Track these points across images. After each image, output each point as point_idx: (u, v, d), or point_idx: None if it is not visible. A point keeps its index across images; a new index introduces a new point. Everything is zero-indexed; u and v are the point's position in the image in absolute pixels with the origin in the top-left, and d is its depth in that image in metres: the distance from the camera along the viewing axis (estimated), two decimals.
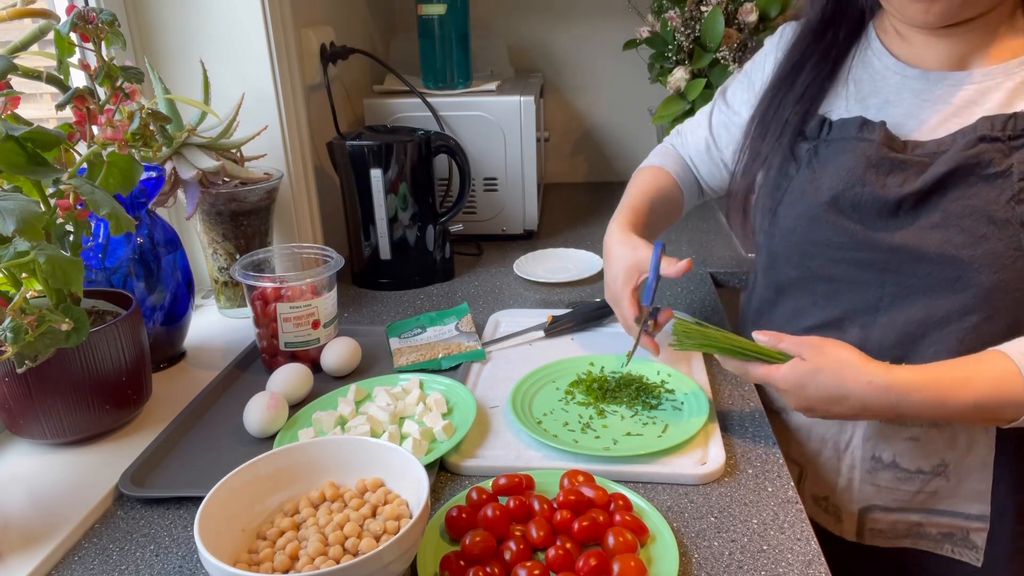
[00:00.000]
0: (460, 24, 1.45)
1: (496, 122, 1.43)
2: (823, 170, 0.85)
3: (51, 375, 0.78)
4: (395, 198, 1.24)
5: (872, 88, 0.86)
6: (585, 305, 1.12)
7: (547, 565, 0.64)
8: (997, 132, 0.76)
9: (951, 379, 0.74)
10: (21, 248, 0.65)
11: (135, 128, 0.82)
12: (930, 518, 0.89)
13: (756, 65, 1.01)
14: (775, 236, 0.90)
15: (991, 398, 0.73)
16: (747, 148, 0.95)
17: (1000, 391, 0.72)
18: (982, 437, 0.85)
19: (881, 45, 0.87)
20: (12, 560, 0.68)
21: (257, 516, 0.67)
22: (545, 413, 0.88)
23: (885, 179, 0.80)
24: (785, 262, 0.91)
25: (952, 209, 0.77)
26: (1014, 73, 0.78)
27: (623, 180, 2.00)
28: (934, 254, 0.78)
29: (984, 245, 0.76)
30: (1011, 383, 0.72)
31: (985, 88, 0.79)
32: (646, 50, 1.58)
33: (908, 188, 0.79)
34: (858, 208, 0.82)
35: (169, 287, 0.99)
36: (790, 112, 0.89)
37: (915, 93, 0.83)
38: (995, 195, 0.75)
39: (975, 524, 0.88)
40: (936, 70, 0.82)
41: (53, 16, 0.81)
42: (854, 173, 0.82)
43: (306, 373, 0.94)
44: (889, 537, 0.92)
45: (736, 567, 0.66)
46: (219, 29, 1.14)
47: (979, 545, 0.88)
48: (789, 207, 0.88)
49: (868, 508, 0.92)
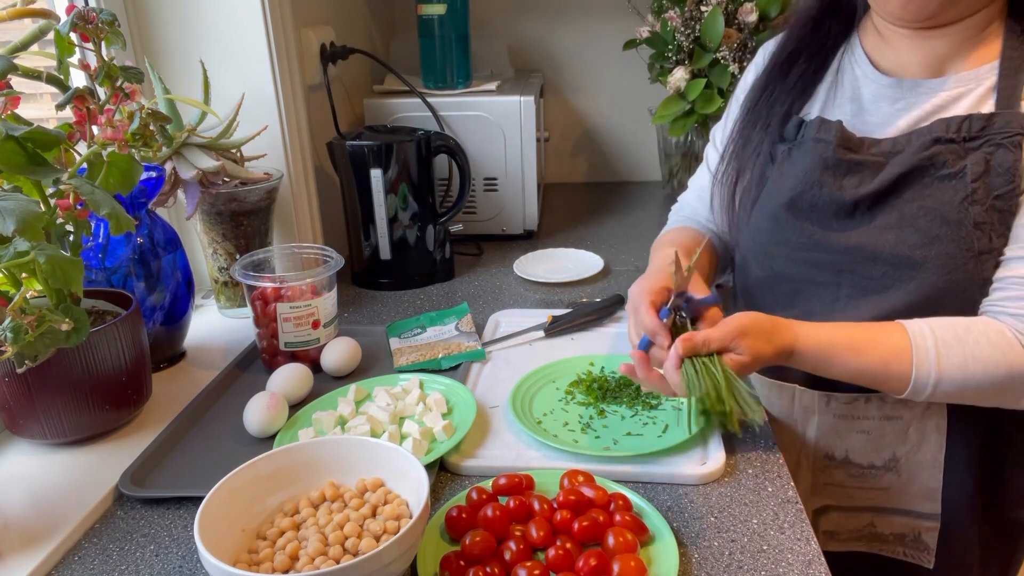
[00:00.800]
0: (460, 24, 1.45)
1: (496, 122, 1.43)
2: (788, 171, 0.86)
3: (51, 375, 0.78)
4: (395, 198, 1.24)
5: (850, 94, 0.88)
6: (585, 305, 1.12)
7: (547, 565, 0.64)
8: (952, 134, 0.77)
9: (847, 343, 0.78)
10: (21, 248, 0.65)
11: (135, 128, 0.82)
12: (882, 517, 0.91)
13: (739, 88, 1.02)
14: (747, 235, 0.92)
15: (879, 369, 0.77)
16: (737, 136, 0.95)
17: (888, 365, 0.77)
18: (933, 433, 0.86)
19: (862, 51, 0.88)
20: (12, 560, 0.68)
21: (257, 516, 0.67)
22: (545, 413, 0.88)
23: (842, 180, 0.81)
24: (753, 262, 0.92)
25: (907, 210, 0.78)
26: (985, 79, 0.79)
27: (623, 180, 2.02)
28: (888, 254, 0.79)
29: (937, 246, 0.77)
30: (901, 358, 0.76)
31: (956, 95, 0.80)
32: (646, 50, 1.58)
33: (864, 189, 0.80)
34: (815, 209, 0.83)
35: (169, 287, 0.99)
36: (779, 107, 0.90)
37: (890, 101, 0.84)
38: (949, 196, 0.76)
39: (926, 523, 0.89)
40: (912, 78, 0.83)
41: (53, 16, 0.81)
42: (811, 175, 0.83)
43: (306, 373, 0.94)
44: (842, 540, 0.93)
45: (736, 567, 0.66)
46: (219, 29, 1.14)
47: (931, 546, 0.90)
48: (760, 207, 0.89)
49: (822, 509, 0.93)
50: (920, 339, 0.76)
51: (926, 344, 0.75)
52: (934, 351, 0.75)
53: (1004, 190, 0.75)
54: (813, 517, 0.93)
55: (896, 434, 0.87)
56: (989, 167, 0.75)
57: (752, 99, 0.94)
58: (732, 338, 0.74)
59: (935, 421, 0.85)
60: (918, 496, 0.89)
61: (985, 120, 0.76)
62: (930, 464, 0.87)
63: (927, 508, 0.89)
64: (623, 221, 1.63)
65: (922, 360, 0.75)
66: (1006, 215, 0.76)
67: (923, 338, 0.76)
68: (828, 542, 0.94)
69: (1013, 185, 0.75)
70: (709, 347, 0.74)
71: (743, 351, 0.74)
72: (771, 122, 0.90)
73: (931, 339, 0.75)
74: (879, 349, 0.77)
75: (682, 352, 0.74)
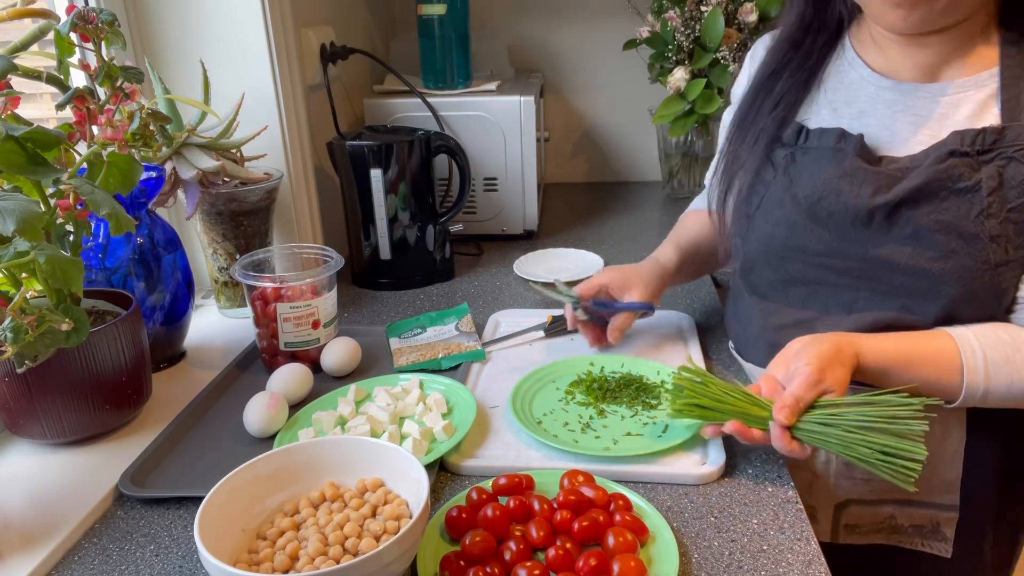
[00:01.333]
0: (460, 24, 1.45)
1: (496, 122, 1.43)
2: (799, 178, 0.86)
3: (51, 375, 0.78)
4: (395, 198, 1.24)
5: (847, 98, 0.87)
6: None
7: (547, 565, 0.64)
8: (966, 147, 0.77)
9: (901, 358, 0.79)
10: (21, 248, 0.65)
11: (135, 128, 0.82)
12: (903, 509, 0.91)
13: (738, 85, 1.02)
14: (752, 241, 0.92)
15: (931, 385, 0.78)
16: (727, 152, 0.96)
17: (940, 381, 0.78)
18: (955, 426, 0.86)
19: (856, 55, 0.88)
20: (12, 560, 0.68)
21: (257, 516, 0.67)
22: (545, 413, 0.88)
23: (859, 189, 0.82)
24: (764, 266, 0.92)
25: (923, 223, 0.78)
26: (984, 85, 0.80)
27: (623, 180, 2.02)
28: (905, 266, 0.80)
29: (954, 259, 0.77)
30: (952, 376, 0.78)
31: (956, 100, 0.80)
32: (646, 50, 1.58)
33: (880, 199, 0.80)
34: (833, 217, 0.83)
35: (169, 287, 0.99)
36: (767, 119, 0.91)
37: (888, 104, 0.84)
38: (965, 210, 0.77)
39: (945, 514, 0.90)
40: (909, 81, 0.84)
41: (53, 16, 0.81)
42: (829, 183, 0.83)
43: (306, 373, 0.94)
44: (863, 533, 0.93)
45: (736, 567, 0.66)
46: (219, 29, 1.14)
47: (948, 536, 0.90)
48: (767, 213, 0.89)
49: (844, 503, 0.93)
50: (971, 359, 0.77)
51: (976, 364, 0.77)
52: (983, 372, 0.77)
53: (1018, 203, 0.76)
54: (835, 512, 0.93)
55: None
56: (1003, 180, 0.76)
57: (740, 114, 0.95)
58: (816, 383, 0.75)
59: (957, 415, 0.86)
60: (939, 488, 0.89)
61: (997, 133, 0.76)
62: (952, 456, 0.87)
63: (947, 500, 0.89)
64: (623, 221, 1.63)
65: (972, 380, 0.77)
66: (1021, 227, 0.77)
67: (974, 358, 0.77)
68: (849, 535, 0.94)
69: None
70: (805, 403, 0.74)
71: (833, 387, 0.75)
72: (762, 135, 0.91)
73: (981, 359, 0.77)
74: (933, 366, 0.78)
75: (785, 421, 0.73)
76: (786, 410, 0.73)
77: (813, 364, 0.75)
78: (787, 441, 0.74)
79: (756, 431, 0.76)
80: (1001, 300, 0.79)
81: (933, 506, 0.90)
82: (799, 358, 0.76)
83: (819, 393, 0.75)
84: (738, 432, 0.76)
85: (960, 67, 0.81)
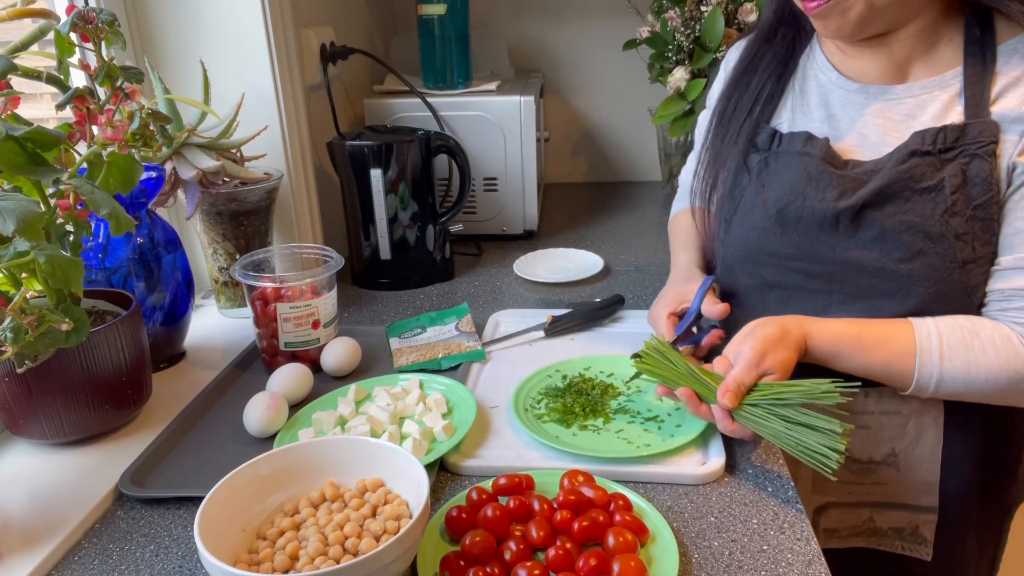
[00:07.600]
0: (460, 24, 1.45)
1: (496, 122, 1.43)
2: (770, 183, 0.87)
3: (51, 375, 0.78)
4: (395, 198, 1.24)
5: (817, 101, 0.88)
6: (585, 305, 1.12)
7: (547, 565, 0.64)
8: (928, 146, 0.77)
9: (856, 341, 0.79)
10: (21, 248, 0.65)
11: (135, 128, 0.82)
12: (882, 512, 0.92)
13: (713, 90, 1.03)
14: (729, 245, 0.92)
15: (883, 368, 0.79)
16: (709, 149, 0.97)
17: (891, 364, 0.78)
18: (930, 427, 0.87)
19: (825, 59, 0.89)
20: (12, 560, 0.68)
21: (257, 516, 0.67)
22: (545, 413, 0.88)
23: (823, 193, 0.82)
24: (740, 270, 0.92)
25: (888, 224, 0.78)
26: (948, 85, 0.80)
27: (623, 180, 2.02)
28: (874, 268, 0.80)
29: (921, 259, 0.78)
30: (905, 359, 0.78)
31: (923, 101, 0.81)
32: (646, 50, 1.58)
33: (845, 202, 0.80)
34: (801, 221, 0.84)
35: (169, 287, 0.99)
36: (745, 117, 0.91)
37: (857, 107, 0.84)
38: (929, 209, 0.77)
39: (924, 517, 0.90)
40: (876, 83, 0.84)
41: (53, 16, 0.81)
42: (796, 187, 0.84)
43: (306, 373, 0.94)
44: (842, 536, 0.94)
45: (736, 567, 0.66)
46: (219, 29, 1.14)
47: (928, 539, 0.91)
48: (743, 218, 0.90)
49: (823, 507, 0.93)
50: (926, 341, 0.77)
51: (931, 346, 0.77)
52: (938, 354, 0.76)
53: (983, 199, 0.76)
54: (814, 516, 0.93)
55: (895, 429, 0.88)
56: (966, 178, 0.76)
57: (719, 112, 0.96)
58: (756, 365, 0.75)
59: (933, 415, 0.86)
60: (916, 490, 0.89)
61: (959, 131, 0.76)
62: (928, 458, 0.88)
63: (925, 501, 0.90)
64: (623, 221, 1.63)
65: (925, 362, 0.77)
66: (988, 223, 0.76)
67: (928, 340, 0.77)
68: (828, 539, 0.94)
69: (991, 194, 0.76)
70: (745, 386, 0.75)
71: (774, 369, 0.75)
72: (740, 136, 0.91)
73: (936, 341, 0.77)
74: (885, 348, 0.78)
75: (729, 405, 0.74)
76: (729, 394, 0.75)
77: (756, 347, 0.76)
78: (728, 422, 0.75)
79: (705, 407, 0.77)
80: (972, 298, 0.79)
81: (911, 508, 0.90)
82: (745, 341, 0.77)
83: (759, 375, 0.75)
84: (688, 399, 0.78)
85: (926, 68, 0.81)
